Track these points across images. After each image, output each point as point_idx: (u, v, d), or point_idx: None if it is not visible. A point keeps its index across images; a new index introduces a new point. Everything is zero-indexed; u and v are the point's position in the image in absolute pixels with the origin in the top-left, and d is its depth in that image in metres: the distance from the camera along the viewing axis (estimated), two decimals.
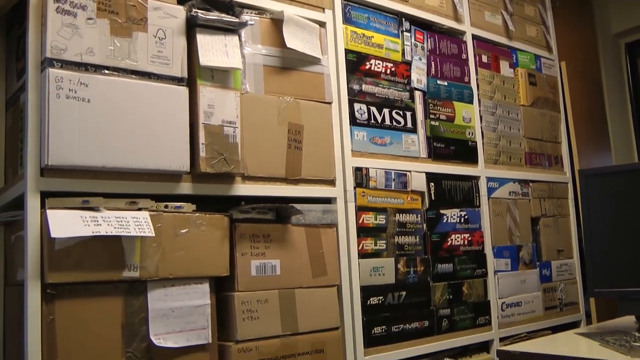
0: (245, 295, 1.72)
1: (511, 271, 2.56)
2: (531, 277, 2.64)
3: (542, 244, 2.74)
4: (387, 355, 2.06)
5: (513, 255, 2.58)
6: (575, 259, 2.90)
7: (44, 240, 1.42)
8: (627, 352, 1.49)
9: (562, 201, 2.90)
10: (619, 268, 1.86)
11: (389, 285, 2.11)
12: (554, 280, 2.76)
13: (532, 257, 2.67)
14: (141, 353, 1.54)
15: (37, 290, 1.41)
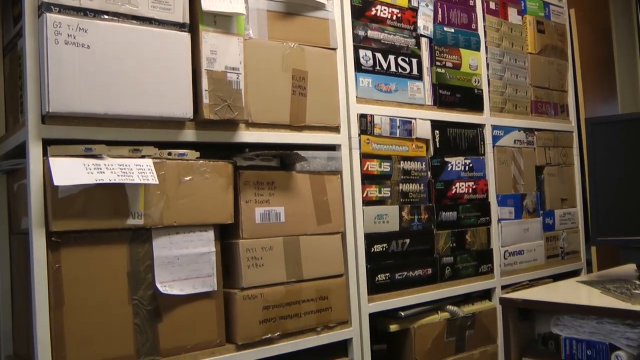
0: (250, 242, 1.73)
1: (514, 220, 2.56)
2: (534, 225, 2.65)
3: (546, 192, 2.74)
4: (391, 302, 2.08)
5: (517, 203, 2.58)
6: (578, 208, 2.90)
7: (47, 189, 1.41)
8: (627, 300, 1.50)
9: (567, 150, 2.89)
10: (622, 217, 1.86)
11: (393, 232, 2.12)
12: (556, 229, 2.77)
13: (536, 206, 2.67)
14: (147, 300, 1.55)
15: (42, 238, 1.41)
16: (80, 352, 1.45)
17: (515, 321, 1.66)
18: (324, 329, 1.89)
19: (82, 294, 1.46)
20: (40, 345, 1.40)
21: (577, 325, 1.54)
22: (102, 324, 1.48)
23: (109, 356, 1.49)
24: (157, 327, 1.57)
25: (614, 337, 1.46)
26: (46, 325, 1.41)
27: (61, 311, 1.43)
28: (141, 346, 1.54)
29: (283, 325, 1.79)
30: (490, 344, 2.40)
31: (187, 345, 1.62)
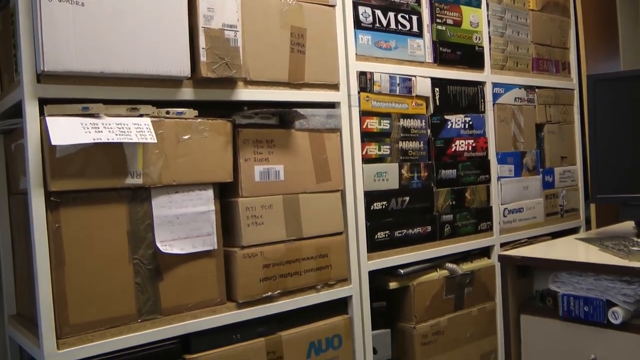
0: (250, 201, 1.73)
1: (514, 177, 2.56)
2: (534, 183, 2.65)
3: (546, 150, 2.73)
4: (390, 260, 2.10)
5: (517, 161, 2.58)
6: (578, 166, 2.90)
7: (44, 148, 1.40)
8: (625, 257, 1.51)
9: (568, 108, 2.87)
10: (622, 174, 1.86)
11: (393, 190, 2.12)
12: (556, 186, 2.77)
13: (536, 164, 2.67)
14: (148, 260, 1.56)
15: (40, 198, 1.41)
16: (82, 311, 1.46)
17: (513, 278, 1.67)
18: (324, 286, 1.91)
19: (82, 253, 1.46)
20: (42, 305, 1.41)
21: (575, 282, 1.54)
22: (103, 284, 1.49)
23: (111, 315, 1.50)
24: (158, 286, 1.58)
25: (611, 293, 1.47)
26: (48, 285, 1.42)
27: (62, 271, 1.43)
28: (143, 305, 1.55)
29: (283, 283, 1.80)
30: (489, 301, 2.42)
31: (188, 303, 1.63)
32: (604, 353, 1.48)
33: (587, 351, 1.51)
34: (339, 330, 1.94)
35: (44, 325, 1.41)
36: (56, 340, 1.43)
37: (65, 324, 1.44)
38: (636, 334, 1.42)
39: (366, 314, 2.02)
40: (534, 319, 1.62)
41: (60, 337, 1.43)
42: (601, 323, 1.48)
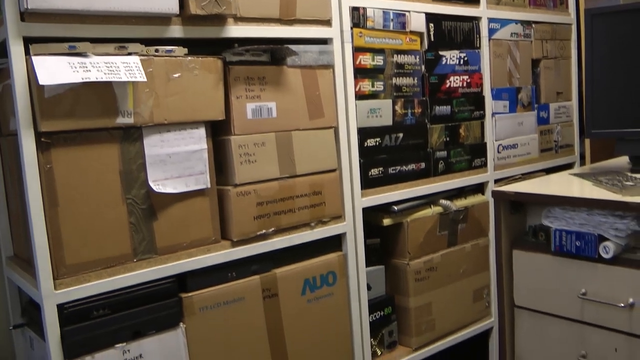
0: (242, 138, 1.72)
1: (509, 113, 2.55)
2: (529, 119, 2.64)
3: (541, 86, 2.71)
4: (384, 197, 2.10)
5: (512, 97, 2.56)
6: (573, 101, 2.88)
7: (32, 88, 1.38)
8: (618, 191, 1.51)
9: (565, 43, 2.84)
10: (617, 110, 1.85)
11: (386, 127, 2.11)
12: (551, 122, 2.76)
13: (531, 99, 2.65)
14: (141, 199, 1.56)
15: (31, 139, 1.39)
16: (78, 252, 1.47)
17: (506, 214, 1.68)
18: (317, 223, 1.92)
19: (75, 194, 1.46)
20: (38, 246, 1.42)
21: (568, 217, 1.55)
22: (97, 224, 1.49)
23: (106, 255, 1.51)
24: (153, 226, 1.59)
25: (603, 228, 1.48)
26: (42, 226, 1.42)
27: (56, 212, 1.44)
28: (138, 245, 1.56)
29: (277, 221, 1.81)
30: (482, 237, 2.44)
31: (183, 242, 1.64)
32: (594, 287, 1.50)
33: (578, 285, 1.53)
34: (333, 267, 1.96)
35: (40, 266, 1.42)
36: (53, 280, 1.44)
37: (62, 264, 1.45)
38: (626, 267, 1.44)
39: (360, 250, 2.04)
40: (526, 254, 1.64)
41: (57, 277, 1.44)
42: (592, 257, 1.50)
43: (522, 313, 1.67)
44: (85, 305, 1.49)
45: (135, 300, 1.56)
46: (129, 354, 1.54)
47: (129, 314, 1.55)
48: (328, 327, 1.97)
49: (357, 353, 2.06)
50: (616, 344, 1.48)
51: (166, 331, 1.61)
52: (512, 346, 1.70)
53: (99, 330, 1.50)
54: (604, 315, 1.49)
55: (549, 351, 1.61)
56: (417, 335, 2.24)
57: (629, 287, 1.44)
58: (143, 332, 1.57)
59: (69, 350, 1.45)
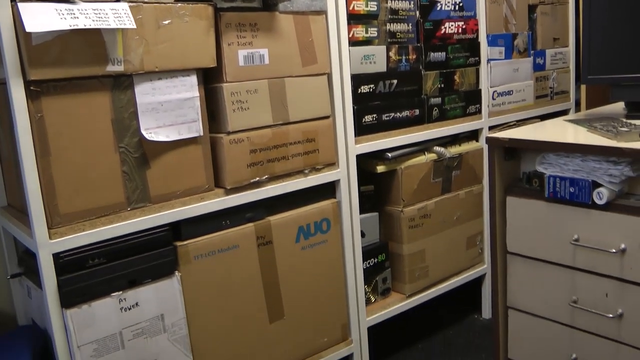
0: (234, 86, 1.70)
1: (504, 60, 2.52)
2: (524, 65, 2.62)
3: (538, 32, 2.68)
4: (378, 144, 2.10)
5: (507, 43, 2.53)
6: (570, 48, 2.85)
7: (19, 36, 1.36)
8: (613, 137, 1.50)
9: None
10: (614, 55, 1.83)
11: (380, 73, 2.09)
12: (547, 68, 2.74)
13: (527, 46, 2.62)
14: (134, 148, 1.55)
15: (20, 88, 1.37)
16: (71, 201, 1.46)
17: (501, 160, 1.68)
18: (311, 171, 1.91)
19: (67, 143, 1.45)
20: (31, 196, 1.41)
21: (562, 164, 1.55)
22: (90, 173, 1.49)
23: (100, 204, 1.51)
24: (146, 174, 1.58)
25: (597, 174, 1.48)
26: (35, 175, 1.41)
27: (48, 161, 1.43)
28: (131, 193, 1.56)
29: (271, 168, 1.80)
30: (476, 184, 2.45)
31: (177, 191, 1.64)
32: (587, 233, 1.51)
33: (571, 231, 1.54)
34: (327, 214, 1.97)
35: (35, 216, 1.42)
36: (47, 230, 1.44)
37: (56, 213, 1.45)
38: (619, 213, 1.45)
39: (354, 197, 2.05)
40: (519, 200, 1.64)
41: (51, 226, 1.44)
42: (586, 203, 1.50)
43: (515, 259, 1.68)
44: (81, 254, 1.49)
45: (130, 249, 1.57)
46: (125, 302, 1.56)
47: (125, 262, 1.55)
48: (322, 274, 1.98)
49: (351, 300, 2.08)
50: (607, 289, 1.50)
51: (162, 279, 1.62)
52: (504, 292, 1.72)
53: (95, 279, 1.50)
54: (595, 261, 1.50)
55: (541, 297, 1.63)
56: (411, 282, 2.26)
57: (622, 232, 1.45)
58: (139, 281, 1.58)
59: (65, 299, 1.46)
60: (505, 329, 1.74)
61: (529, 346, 1.69)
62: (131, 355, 1.58)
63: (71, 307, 1.48)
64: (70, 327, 1.47)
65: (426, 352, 2.40)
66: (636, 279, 1.44)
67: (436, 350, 2.41)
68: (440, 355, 2.37)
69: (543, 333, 1.66)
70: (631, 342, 1.47)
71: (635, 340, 1.47)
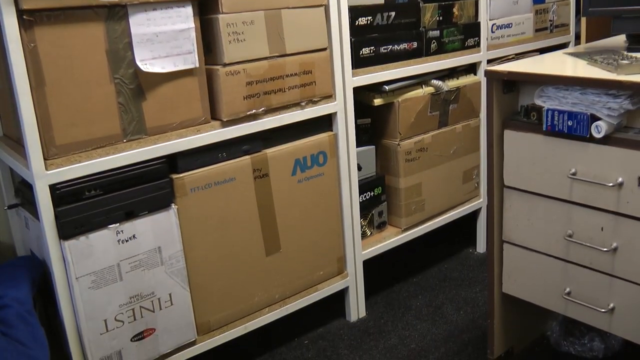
0: (230, 17, 1.67)
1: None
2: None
3: None
4: (375, 76, 2.08)
5: None
6: None
7: None
8: (613, 70, 1.49)
9: None
10: None
11: (378, 5, 2.05)
12: (547, 1, 2.69)
13: None
14: (129, 79, 1.53)
15: (13, 17, 1.35)
16: (67, 132, 1.46)
17: (499, 93, 1.66)
18: (308, 103, 1.90)
19: (62, 73, 1.43)
20: (26, 126, 1.41)
21: (561, 97, 1.54)
22: (86, 104, 1.48)
23: (96, 136, 1.51)
24: (142, 106, 1.57)
25: (596, 107, 1.47)
26: (30, 106, 1.40)
27: (43, 91, 1.41)
28: (127, 125, 1.55)
29: (267, 101, 1.79)
30: (473, 118, 2.44)
31: (173, 123, 1.63)
32: (584, 167, 1.51)
33: (568, 165, 1.54)
34: (323, 146, 1.97)
35: (30, 147, 1.42)
36: (44, 160, 1.44)
37: (52, 144, 1.44)
38: (617, 147, 1.44)
39: (351, 130, 2.04)
40: (517, 134, 1.64)
41: (47, 157, 1.44)
42: (584, 137, 1.49)
43: (512, 193, 1.68)
44: (77, 185, 1.49)
45: (127, 181, 1.57)
46: (123, 234, 1.57)
47: (121, 194, 1.56)
48: (318, 207, 1.99)
49: (347, 233, 2.10)
50: (602, 223, 1.51)
51: (158, 212, 1.63)
52: (500, 226, 1.73)
53: (92, 211, 1.51)
54: (592, 194, 1.51)
55: (536, 231, 1.64)
56: (407, 215, 2.28)
57: (619, 166, 1.44)
58: (136, 213, 1.59)
59: (63, 230, 1.47)
60: (500, 262, 1.76)
61: (523, 280, 1.71)
62: (129, 287, 1.60)
63: (69, 239, 1.49)
64: (68, 258, 1.49)
65: (421, 285, 2.44)
66: (632, 212, 1.45)
67: (431, 283, 2.45)
68: (435, 288, 2.41)
69: (537, 267, 1.67)
70: (625, 275, 1.49)
71: (628, 274, 1.48)
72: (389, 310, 2.26)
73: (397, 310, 2.26)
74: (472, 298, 2.31)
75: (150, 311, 1.65)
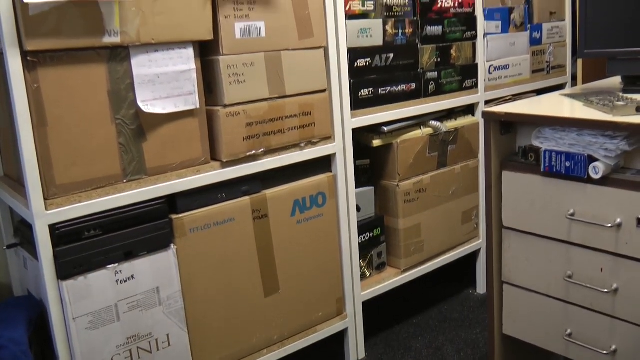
0: (231, 58, 1.70)
1: (501, 34, 2.51)
2: (521, 39, 2.61)
3: (534, 5, 2.67)
4: (374, 117, 2.09)
5: (504, 17, 2.52)
6: (567, 22, 2.84)
7: (17, 7, 1.35)
8: (609, 111, 1.50)
9: None
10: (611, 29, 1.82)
11: (377, 47, 2.08)
12: (543, 42, 2.73)
13: (524, 20, 2.61)
14: (130, 120, 1.55)
15: (17, 58, 1.37)
16: (68, 172, 1.46)
17: (497, 135, 1.68)
18: (307, 144, 1.91)
19: (64, 113, 1.44)
20: (27, 166, 1.41)
21: (558, 138, 1.55)
22: (87, 144, 1.49)
23: (96, 176, 1.51)
24: (142, 147, 1.58)
25: (593, 148, 1.48)
26: (31, 146, 1.41)
27: (45, 131, 1.42)
28: (127, 165, 1.56)
29: (267, 142, 1.80)
30: (472, 159, 2.45)
31: (173, 163, 1.64)
32: (583, 208, 1.52)
33: (566, 206, 1.55)
34: (323, 187, 1.97)
35: (31, 186, 1.42)
36: (44, 200, 1.44)
37: (52, 184, 1.45)
38: (615, 188, 1.45)
39: (350, 171, 2.05)
40: (515, 175, 1.65)
41: (47, 197, 1.45)
42: (581, 178, 1.50)
43: (510, 234, 1.69)
44: (77, 225, 1.49)
45: (126, 221, 1.57)
46: (121, 274, 1.56)
47: (121, 234, 1.56)
48: (317, 248, 1.99)
49: (346, 274, 2.09)
50: (602, 264, 1.51)
51: (157, 252, 1.62)
52: (499, 267, 1.73)
53: (91, 251, 1.51)
54: (591, 235, 1.51)
55: (536, 272, 1.64)
56: (406, 256, 2.27)
57: (617, 207, 1.45)
58: (135, 253, 1.58)
59: (61, 270, 1.47)
60: (500, 303, 1.75)
61: (524, 321, 1.70)
62: (126, 327, 1.59)
63: (67, 279, 1.48)
64: (66, 298, 1.48)
65: (421, 326, 2.42)
66: (631, 253, 1.45)
67: (431, 324, 2.43)
68: (435, 329, 2.39)
69: (538, 308, 1.67)
70: (626, 317, 1.48)
71: (630, 316, 1.48)
72: (388, 352, 2.24)
73: (397, 352, 2.24)
74: (473, 339, 2.30)
75: (148, 352, 1.64)
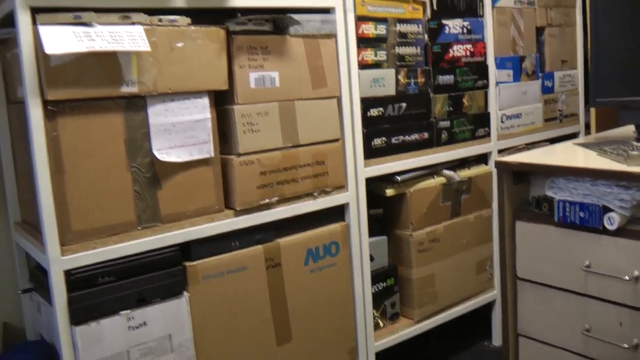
0: (245, 108, 1.72)
1: (513, 82, 2.53)
2: (533, 88, 2.62)
3: (546, 54, 2.69)
4: (387, 167, 2.10)
5: (516, 66, 2.54)
6: (579, 70, 2.86)
7: (39, 57, 1.38)
8: (623, 161, 1.50)
9: (569, 10, 2.81)
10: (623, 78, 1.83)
11: (389, 96, 2.10)
12: (555, 91, 2.74)
13: (535, 68, 2.64)
14: (145, 168, 1.56)
15: (38, 107, 1.40)
16: (84, 218, 1.48)
17: (510, 184, 1.68)
18: (320, 193, 1.92)
19: (81, 161, 1.47)
20: (45, 212, 1.43)
21: (572, 188, 1.55)
22: (103, 191, 1.50)
23: (111, 223, 1.52)
24: (157, 194, 1.59)
25: (607, 198, 1.47)
26: (49, 192, 1.43)
27: (62, 179, 1.44)
28: (142, 212, 1.57)
29: (280, 191, 1.81)
30: (486, 208, 2.45)
31: (187, 211, 1.65)
32: (599, 259, 1.50)
33: (582, 257, 1.53)
34: (336, 237, 1.97)
35: (47, 232, 1.43)
36: (60, 246, 1.45)
37: (68, 230, 1.46)
38: (630, 239, 1.44)
39: (363, 220, 2.05)
40: (529, 225, 1.64)
41: (63, 243, 1.46)
42: (596, 229, 1.49)
43: (525, 285, 1.67)
44: (91, 271, 1.50)
45: (140, 268, 1.57)
46: (134, 320, 1.56)
47: (134, 281, 1.56)
48: (330, 298, 1.98)
49: (360, 324, 2.08)
50: (621, 318, 1.47)
51: (170, 299, 1.62)
52: (514, 319, 1.71)
53: (104, 297, 1.51)
54: (608, 288, 1.48)
55: (553, 325, 1.61)
56: (420, 307, 2.25)
57: (634, 259, 1.43)
58: (147, 300, 1.58)
59: (75, 316, 1.47)
60: (515, 356, 1.72)
61: None
62: None
63: (80, 324, 1.48)
64: (78, 344, 1.48)
65: None
66: None
67: None
68: None
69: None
70: None
71: None
72: None
73: None
74: None
75: None
